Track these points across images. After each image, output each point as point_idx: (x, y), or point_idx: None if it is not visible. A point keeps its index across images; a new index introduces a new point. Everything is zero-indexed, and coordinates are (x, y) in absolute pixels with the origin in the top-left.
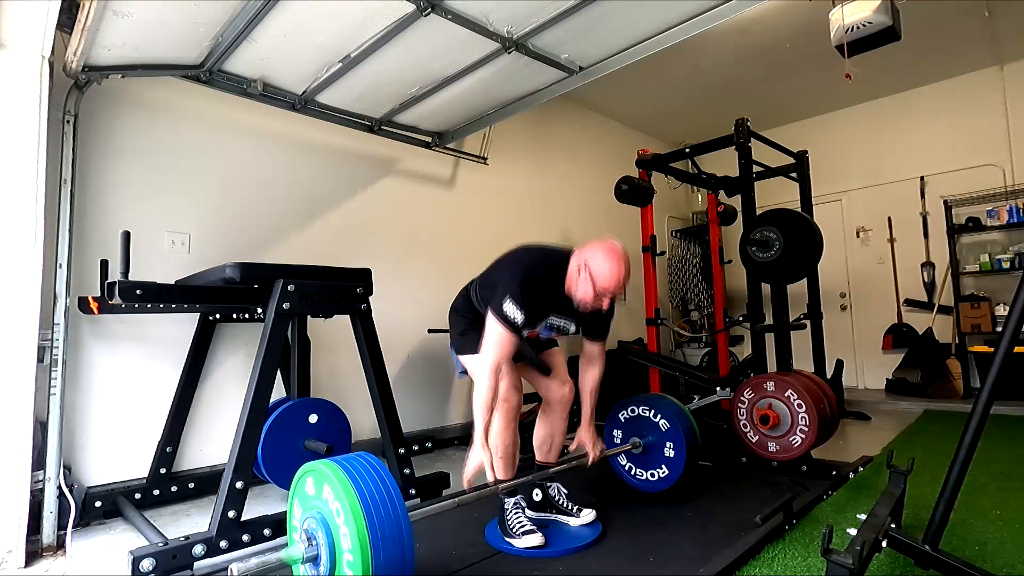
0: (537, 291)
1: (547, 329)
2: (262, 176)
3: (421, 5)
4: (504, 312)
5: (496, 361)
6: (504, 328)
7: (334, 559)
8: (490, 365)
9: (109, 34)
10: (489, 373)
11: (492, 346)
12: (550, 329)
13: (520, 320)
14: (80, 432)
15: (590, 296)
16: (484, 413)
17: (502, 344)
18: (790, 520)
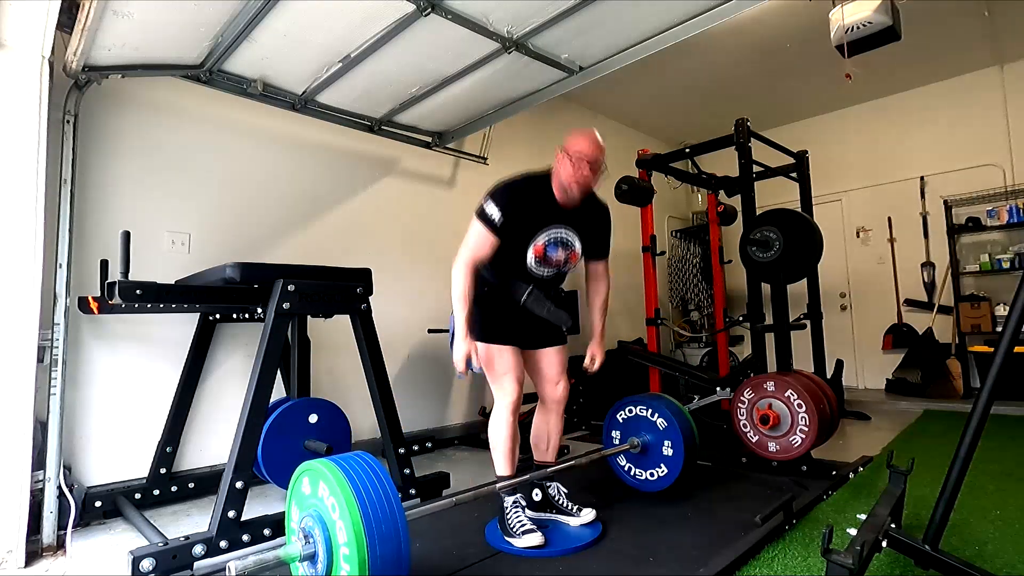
0: (522, 196)
1: (553, 245)
2: (262, 176)
3: (421, 5)
4: (484, 210)
5: (470, 257)
6: (482, 226)
7: (331, 556)
8: (464, 260)
9: (109, 34)
10: (463, 268)
11: (469, 243)
12: (556, 245)
13: (497, 217)
14: (80, 432)
15: (570, 171)
16: (462, 304)
17: (478, 240)
18: (790, 520)
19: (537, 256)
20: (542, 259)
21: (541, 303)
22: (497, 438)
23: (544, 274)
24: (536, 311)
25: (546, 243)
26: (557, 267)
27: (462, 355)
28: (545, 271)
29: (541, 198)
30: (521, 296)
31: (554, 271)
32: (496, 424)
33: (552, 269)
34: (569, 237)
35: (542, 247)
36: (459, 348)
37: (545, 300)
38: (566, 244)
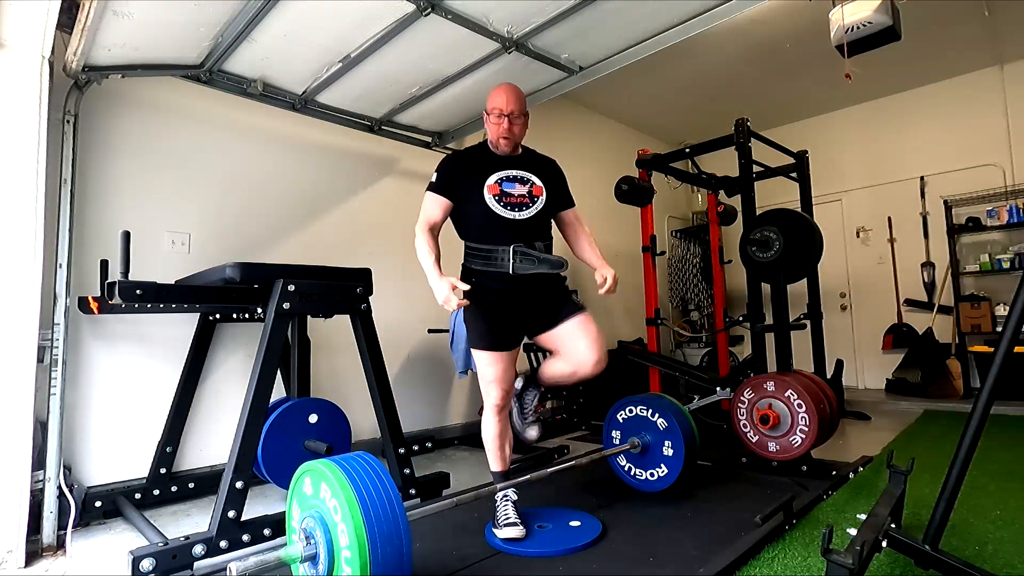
0: (461, 157)
1: (509, 182)
2: (262, 176)
3: (421, 5)
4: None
5: (422, 220)
6: (428, 192)
7: (332, 557)
8: (418, 226)
9: (109, 34)
10: (418, 232)
11: (423, 209)
12: (512, 181)
13: (435, 178)
14: (80, 432)
15: (493, 129)
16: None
17: (426, 205)
18: (790, 520)
19: (495, 195)
20: (501, 195)
21: (529, 258)
22: (485, 437)
23: (517, 216)
24: (530, 269)
25: (499, 180)
26: (525, 204)
27: (445, 290)
28: (516, 213)
29: (480, 156)
30: (508, 263)
31: (528, 212)
32: (484, 424)
33: (523, 209)
34: (523, 174)
35: (496, 184)
36: (440, 288)
37: (532, 252)
38: (522, 180)
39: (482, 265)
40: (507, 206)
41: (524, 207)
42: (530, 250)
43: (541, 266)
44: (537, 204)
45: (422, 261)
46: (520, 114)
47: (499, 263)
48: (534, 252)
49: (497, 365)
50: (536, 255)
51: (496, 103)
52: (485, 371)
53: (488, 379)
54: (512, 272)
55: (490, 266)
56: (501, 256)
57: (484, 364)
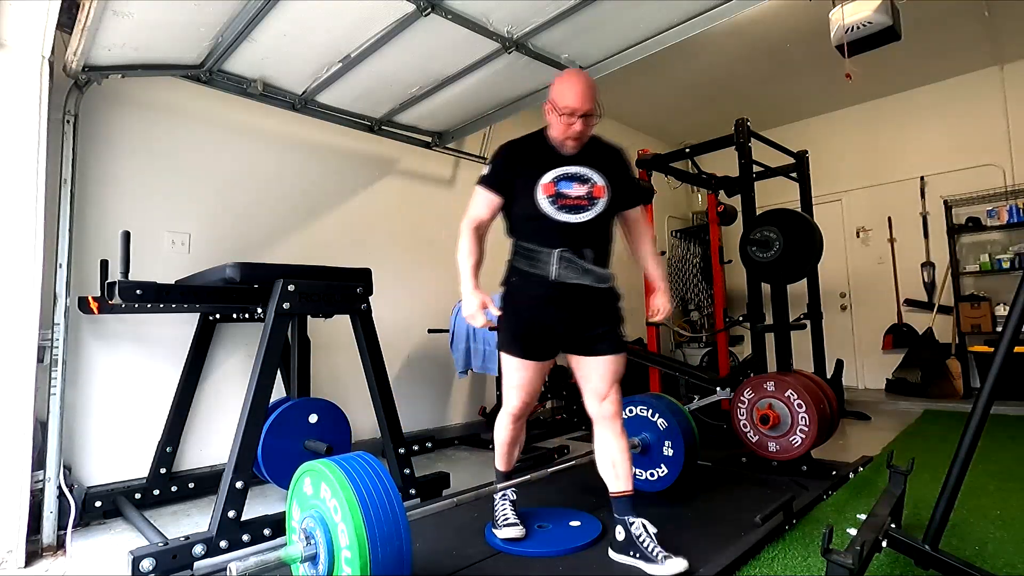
0: (517, 148)
1: (566, 181)
2: (262, 176)
3: (421, 5)
4: (481, 174)
5: (468, 218)
6: (478, 187)
7: (332, 557)
8: (464, 224)
9: (109, 34)
10: (463, 230)
11: (471, 204)
12: (570, 180)
13: (487, 171)
14: (80, 432)
15: (560, 128)
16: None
17: (475, 201)
18: (790, 520)
19: (549, 195)
20: (556, 197)
21: (574, 266)
22: (497, 437)
23: (572, 220)
24: (572, 279)
25: (555, 179)
26: (582, 206)
27: (475, 307)
28: (571, 216)
29: (538, 148)
30: (551, 268)
31: (584, 215)
32: (498, 425)
33: (578, 212)
34: (583, 172)
35: (552, 184)
36: (469, 303)
37: (577, 261)
38: (582, 178)
39: (526, 266)
40: (562, 208)
41: (581, 210)
42: (576, 258)
43: (584, 277)
44: (596, 207)
45: (459, 264)
46: (594, 112)
47: (542, 266)
48: (580, 261)
49: (523, 373)
50: (582, 264)
51: (567, 100)
52: (509, 375)
53: (511, 384)
54: (554, 278)
55: (533, 268)
56: (545, 259)
57: (510, 369)
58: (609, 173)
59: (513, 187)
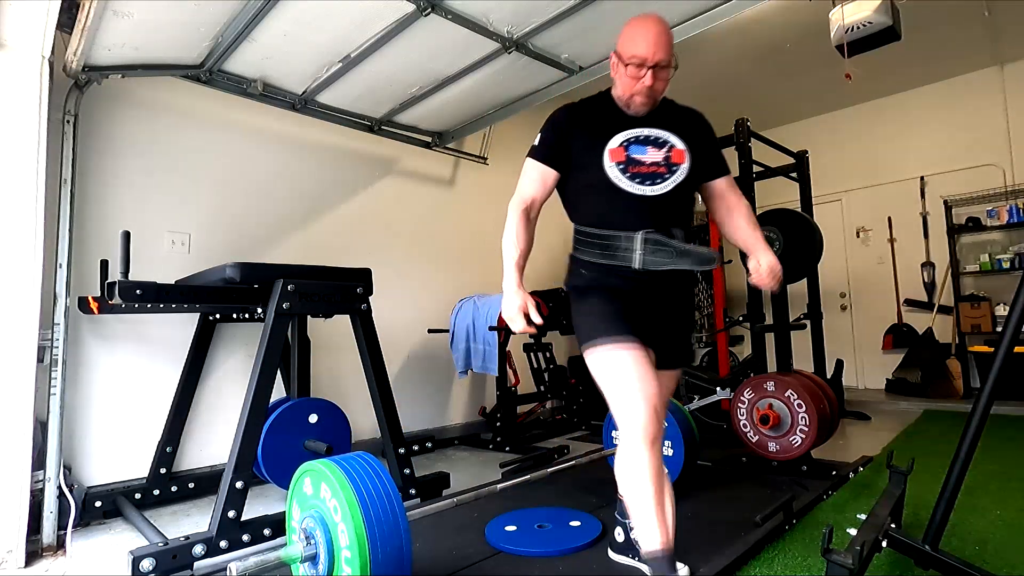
0: (575, 112)
1: (639, 145)
2: (262, 176)
3: (421, 5)
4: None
5: (517, 199)
6: (528, 160)
7: (332, 557)
8: (512, 206)
9: (109, 34)
10: (511, 213)
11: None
12: (643, 144)
13: (538, 141)
14: (80, 432)
15: (628, 82)
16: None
17: (524, 178)
18: (790, 520)
19: (620, 162)
20: (627, 164)
21: (666, 249)
22: (628, 487)
23: (650, 192)
24: (665, 264)
25: (624, 143)
26: (659, 175)
27: (516, 308)
28: (648, 187)
29: (602, 110)
30: (634, 255)
31: (663, 185)
32: (624, 465)
33: (656, 182)
34: (658, 134)
35: (620, 148)
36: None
37: (668, 242)
38: (657, 141)
39: (599, 256)
40: (635, 178)
41: (659, 179)
42: (666, 238)
43: (682, 260)
44: (676, 175)
45: (504, 253)
46: (668, 64)
47: (622, 255)
48: (673, 241)
49: (630, 362)
50: (675, 245)
51: (636, 49)
52: (618, 377)
53: (624, 390)
54: (640, 267)
55: (610, 258)
56: (625, 245)
57: (614, 367)
58: (688, 137)
59: (571, 157)
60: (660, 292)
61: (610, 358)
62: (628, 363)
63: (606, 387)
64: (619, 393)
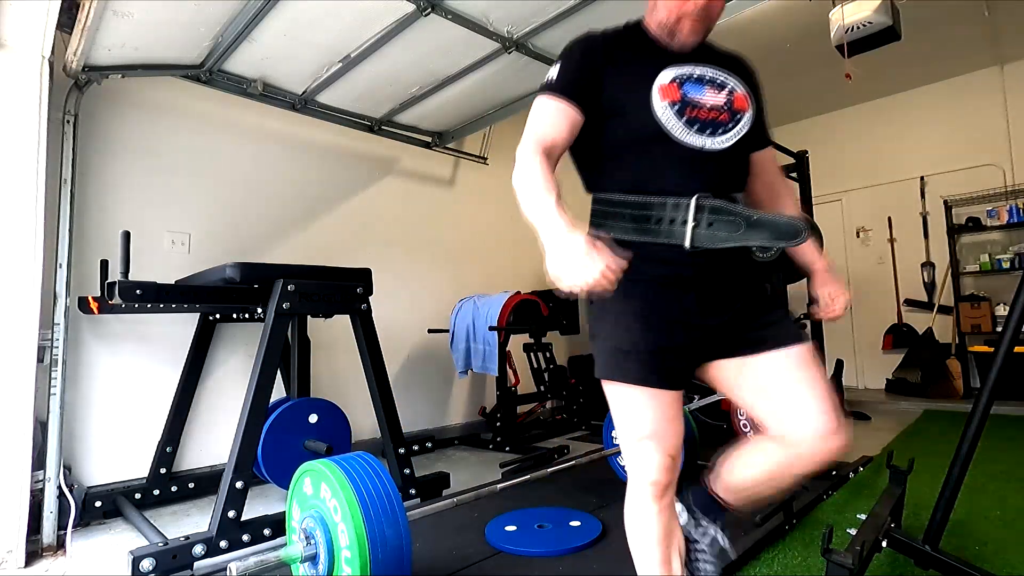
0: (608, 40)
1: (696, 84)
2: (262, 176)
3: (421, 5)
4: (546, 80)
5: (535, 136)
6: (541, 97)
7: (332, 557)
8: (525, 143)
9: (109, 34)
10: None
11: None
12: (700, 83)
13: (555, 73)
14: (80, 432)
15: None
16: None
17: (537, 115)
18: (790, 520)
19: (674, 102)
20: (683, 107)
21: (731, 220)
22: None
23: (708, 145)
24: (728, 240)
25: (678, 79)
26: (722, 124)
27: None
28: (710, 138)
29: (636, 42)
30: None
31: (724, 137)
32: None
33: (717, 132)
34: (715, 73)
35: (675, 86)
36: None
37: (732, 208)
38: (715, 82)
39: (631, 233)
40: (692, 124)
41: (720, 129)
42: (729, 205)
43: (753, 234)
44: (741, 125)
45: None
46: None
47: (666, 228)
48: (738, 208)
49: (652, 409)
50: (743, 212)
51: None
52: (630, 418)
53: (634, 432)
54: (691, 245)
55: (648, 234)
56: (671, 216)
57: (626, 405)
58: (745, 83)
59: (602, 93)
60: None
61: (628, 400)
62: (649, 410)
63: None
64: (631, 439)
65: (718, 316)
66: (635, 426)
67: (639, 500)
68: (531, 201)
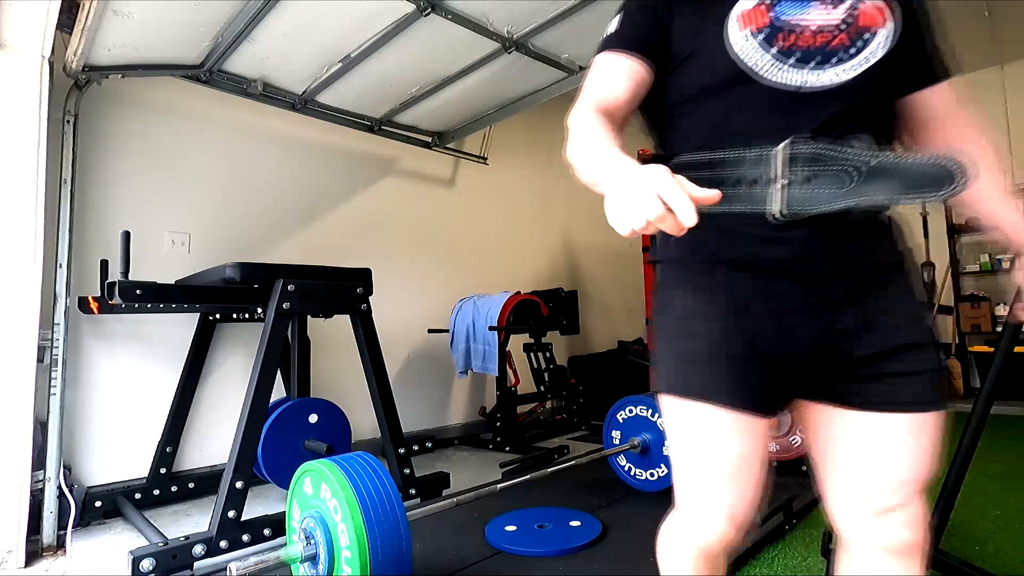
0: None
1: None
2: (262, 176)
3: (421, 5)
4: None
5: (586, 99)
6: (603, 54)
7: (332, 557)
8: (575, 108)
9: (109, 34)
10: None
11: (586, 86)
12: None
13: (614, 26)
14: (80, 432)
15: None
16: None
17: (598, 74)
18: (790, 520)
19: (760, 30)
20: (773, 32)
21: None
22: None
23: (811, 82)
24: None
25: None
26: (837, 49)
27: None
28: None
29: None
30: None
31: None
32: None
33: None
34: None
35: (762, 8)
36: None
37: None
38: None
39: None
40: (788, 56)
41: (833, 56)
42: (836, 148)
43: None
44: (871, 49)
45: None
46: None
47: (744, 191)
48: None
49: (720, 441)
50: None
51: None
52: (693, 447)
53: (699, 466)
54: (783, 211)
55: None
56: (753, 174)
57: (687, 432)
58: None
59: (670, 39)
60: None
61: (690, 425)
62: (716, 442)
63: (676, 456)
64: (692, 474)
65: (822, 323)
66: (696, 464)
67: (683, 553)
68: (588, 152)
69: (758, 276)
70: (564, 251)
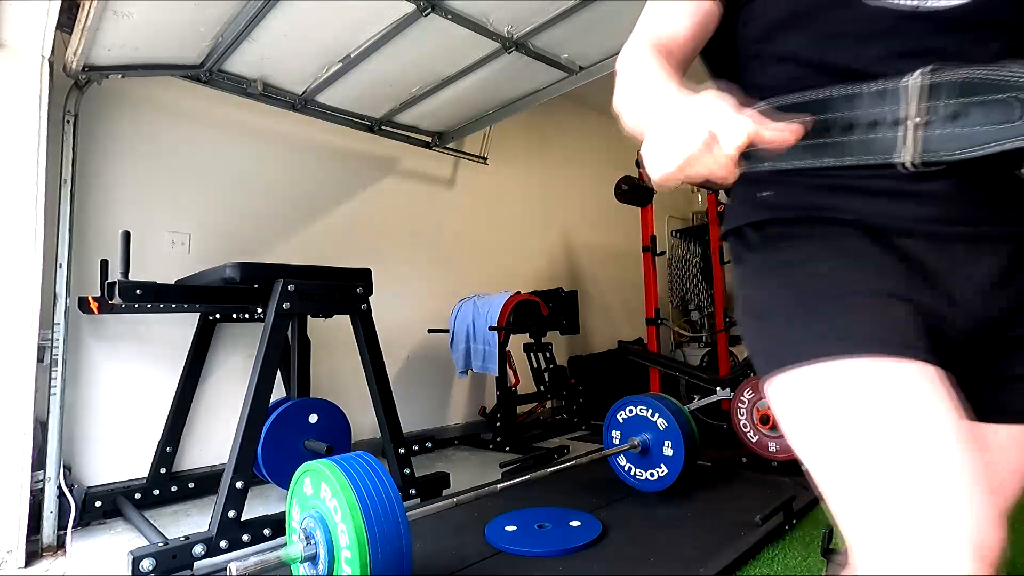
0: None
1: None
2: (262, 176)
3: (421, 5)
4: None
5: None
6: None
7: (332, 557)
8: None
9: (109, 34)
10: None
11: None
12: None
13: None
14: (80, 432)
15: None
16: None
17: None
18: (790, 520)
19: None
20: None
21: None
22: None
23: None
24: (994, 139)
25: None
26: None
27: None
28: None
29: None
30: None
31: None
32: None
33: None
34: None
35: None
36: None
37: (1002, 80)
38: None
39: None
40: None
41: None
42: (993, 70)
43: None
44: None
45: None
46: None
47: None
48: (1014, 73)
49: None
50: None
51: None
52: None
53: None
54: (919, 158)
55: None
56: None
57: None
58: None
59: None
60: (983, 229)
61: (852, 391)
62: (914, 408)
63: (833, 472)
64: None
65: (975, 304)
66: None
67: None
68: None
69: (887, 240)
70: (564, 251)
